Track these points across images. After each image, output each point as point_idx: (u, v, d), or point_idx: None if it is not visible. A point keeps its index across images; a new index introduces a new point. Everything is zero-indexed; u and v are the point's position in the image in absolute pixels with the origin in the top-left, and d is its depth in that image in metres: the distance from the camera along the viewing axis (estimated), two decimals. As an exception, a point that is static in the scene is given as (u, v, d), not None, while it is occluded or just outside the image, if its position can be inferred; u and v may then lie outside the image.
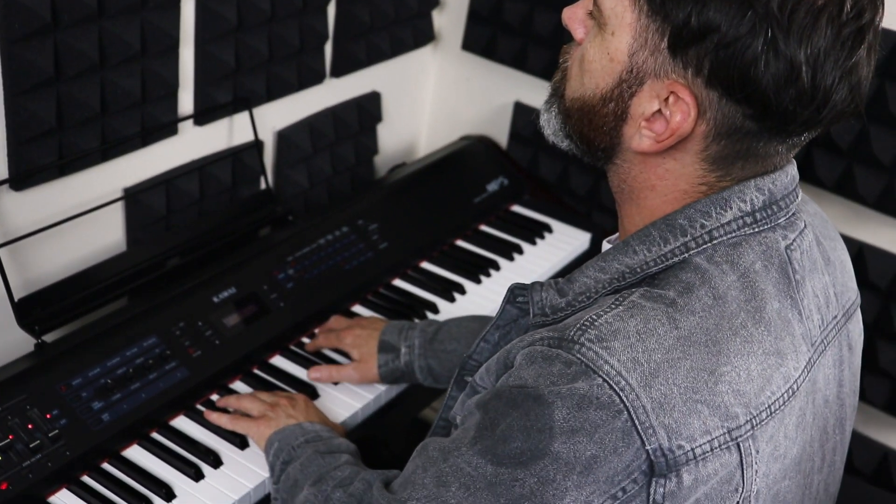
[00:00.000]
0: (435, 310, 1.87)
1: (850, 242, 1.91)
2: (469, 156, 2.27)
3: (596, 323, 0.98)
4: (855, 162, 1.85)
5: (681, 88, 0.99)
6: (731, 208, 1.04)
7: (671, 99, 1.00)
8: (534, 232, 2.14)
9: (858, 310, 1.23)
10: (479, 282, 1.97)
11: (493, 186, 2.21)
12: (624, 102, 1.04)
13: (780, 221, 1.07)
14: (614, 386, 0.93)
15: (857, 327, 1.22)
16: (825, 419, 1.13)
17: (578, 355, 0.96)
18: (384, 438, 1.92)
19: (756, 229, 1.05)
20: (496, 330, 1.21)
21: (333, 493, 1.22)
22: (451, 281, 1.95)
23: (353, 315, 1.82)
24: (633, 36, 1.01)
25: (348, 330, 1.68)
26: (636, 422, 0.93)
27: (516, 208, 2.23)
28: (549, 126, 1.15)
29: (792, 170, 1.09)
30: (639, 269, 1.05)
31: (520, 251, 2.08)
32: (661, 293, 1.01)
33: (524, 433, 0.96)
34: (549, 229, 2.16)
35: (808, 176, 1.91)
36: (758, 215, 1.05)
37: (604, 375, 0.94)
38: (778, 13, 0.93)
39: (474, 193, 2.18)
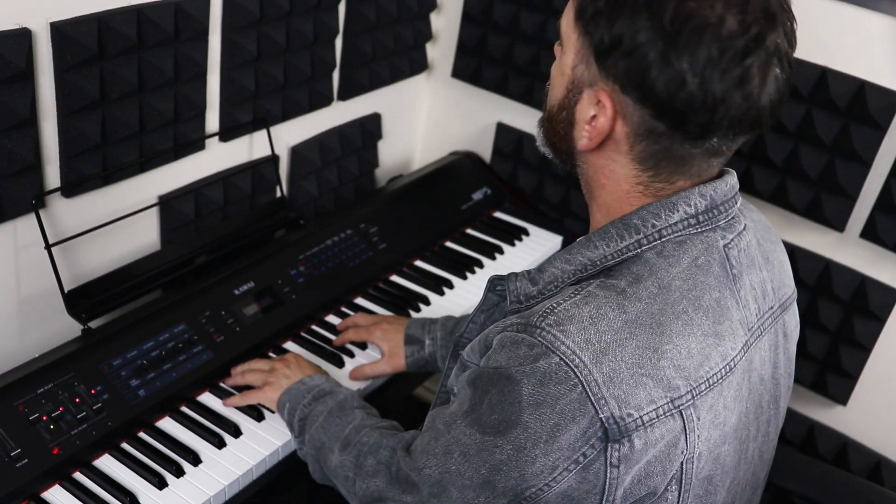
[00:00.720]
0: (427, 302, 1.88)
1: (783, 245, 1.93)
2: (457, 169, 2.28)
3: (556, 310, 1.00)
4: (788, 175, 1.88)
5: (604, 94, 1.03)
6: (677, 211, 1.05)
7: (599, 104, 1.04)
8: (513, 235, 2.15)
9: (794, 304, 1.24)
10: (465, 278, 1.98)
11: (478, 195, 2.22)
12: (571, 109, 1.07)
13: (720, 223, 1.08)
14: (569, 363, 0.96)
15: (792, 319, 1.23)
16: (760, 395, 1.15)
17: (539, 338, 0.98)
18: (383, 414, 1.93)
19: (699, 230, 1.07)
20: (481, 313, 1.23)
21: (365, 459, 1.24)
22: (441, 277, 1.96)
23: (358, 307, 1.83)
24: (575, 52, 1.05)
25: (375, 325, 1.68)
26: (589, 393, 0.96)
27: (498, 214, 2.23)
28: (538, 137, 1.18)
29: (731, 179, 1.10)
30: (598, 262, 1.06)
31: (501, 251, 2.09)
32: (614, 283, 1.03)
33: (500, 407, 1.00)
34: (527, 233, 2.17)
35: (748, 188, 1.93)
36: (700, 217, 1.06)
37: (560, 354, 0.97)
38: (669, 27, 0.96)
39: (462, 201, 2.18)
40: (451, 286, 1.94)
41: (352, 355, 1.69)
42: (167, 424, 1.49)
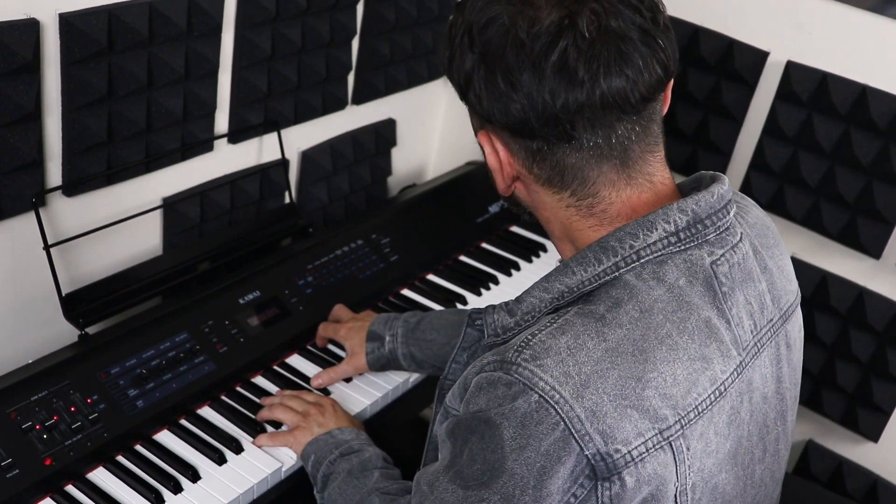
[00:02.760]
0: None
1: (813, 270, 1.93)
2: (473, 180, 2.27)
3: (531, 343, 0.98)
4: (822, 197, 1.88)
5: (482, 134, 1.08)
6: (656, 229, 1.04)
7: (485, 145, 1.08)
8: (530, 251, 2.15)
9: (798, 309, 1.22)
10: (479, 294, 1.97)
11: (494, 208, 2.22)
12: (485, 162, 1.11)
13: (708, 238, 1.06)
14: (549, 400, 0.94)
15: (795, 325, 1.21)
16: (765, 414, 1.13)
17: (516, 375, 0.96)
18: (388, 435, 1.93)
19: (681, 247, 1.05)
20: (463, 351, 1.22)
21: None
22: (455, 292, 1.96)
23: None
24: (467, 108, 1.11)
25: (343, 324, 1.69)
26: (572, 430, 0.93)
27: (515, 228, 2.23)
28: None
29: (719, 189, 1.08)
30: (576, 288, 1.04)
31: (517, 267, 2.09)
32: (593, 309, 1.01)
33: (482, 455, 0.97)
34: (544, 248, 2.17)
35: (779, 209, 1.93)
36: (682, 234, 1.04)
37: (539, 391, 0.94)
38: (481, 49, 1.01)
39: (477, 214, 2.18)
40: (464, 302, 1.94)
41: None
42: (166, 438, 1.48)
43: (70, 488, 1.37)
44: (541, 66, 0.97)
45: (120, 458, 1.43)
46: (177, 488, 1.39)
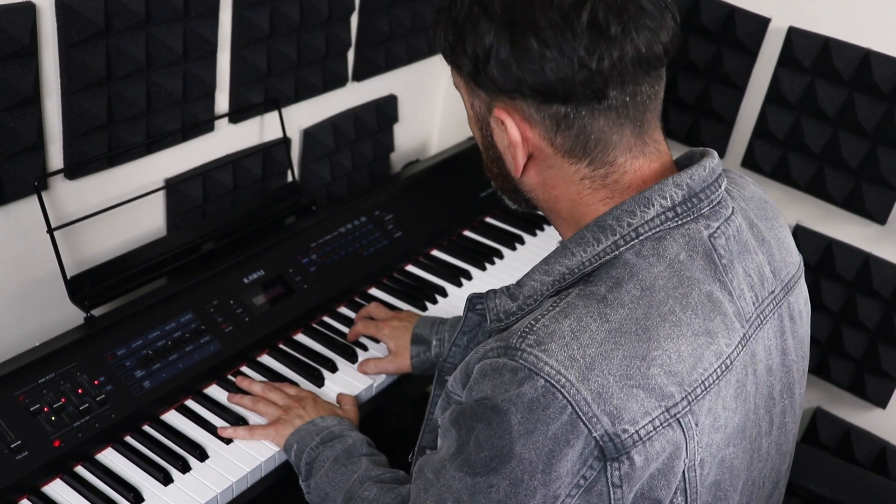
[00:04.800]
0: (444, 293, 1.88)
1: (819, 238, 1.93)
2: (475, 154, 2.18)
3: (534, 328, 0.98)
4: (826, 164, 1.87)
5: (499, 111, 1.05)
6: (653, 205, 1.04)
7: (501, 123, 1.05)
8: (534, 224, 2.15)
9: (801, 280, 1.22)
10: (484, 269, 1.98)
11: (497, 182, 2.22)
12: (493, 145, 1.10)
13: (703, 212, 1.07)
14: (555, 384, 0.94)
15: (799, 297, 1.21)
16: (770, 386, 1.14)
17: (521, 361, 0.96)
18: (395, 410, 1.94)
19: (678, 222, 1.05)
20: (463, 335, 1.22)
21: None
22: (459, 267, 1.96)
23: (372, 298, 1.83)
24: (465, 91, 1.10)
25: (386, 322, 1.68)
26: (580, 413, 0.94)
27: (518, 203, 2.23)
28: (499, 195, 1.21)
29: (709, 163, 1.09)
30: (576, 270, 1.05)
31: (521, 241, 2.09)
32: (594, 290, 1.01)
33: (489, 441, 0.97)
34: (548, 221, 2.16)
35: (784, 177, 1.93)
36: (678, 209, 1.05)
37: (545, 376, 0.94)
38: (503, 15, 0.99)
39: (480, 188, 2.18)
40: (469, 277, 1.94)
41: (365, 349, 1.70)
42: (173, 418, 1.50)
43: (79, 469, 1.38)
44: (573, 24, 0.97)
45: (128, 439, 1.44)
46: (185, 467, 1.40)
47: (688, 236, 1.05)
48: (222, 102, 1.78)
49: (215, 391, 1.56)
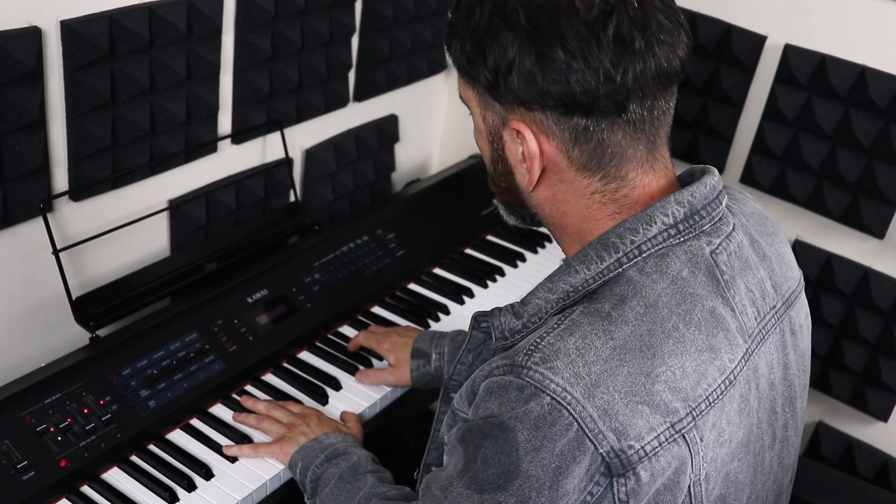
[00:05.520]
0: (446, 311, 1.89)
1: (818, 252, 1.94)
2: (476, 173, 2.26)
3: (540, 346, 0.99)
4: (824, 179, 1.88)
5: (516, 122, 1.05)
6: (655, 223, 1.05)
7: (519, 135, 1.06)
8: (535, 242, 2.15)
9: (802, 295, 1.23)
10: (486, 286, 1.98)
11: (498, 200, 2.23)
12: (504, 159, 1.10)
13: (704, 228, 1.08)
14: (561, 402, 0.95)
15: (800, 312, 1.22)
16: (772, 401, 1.14)
17: (528, 379, 0.97)
18: (399, 428, 1.94)
19: (681, 239, 1.06)
20: (468, 353, 1.23)
21: None
22: (461, 285, 1.97)
23: (375, 316, 1.83)
24: (477, 104, 1.09)
25: (386, 336, 1.69)
26: (586, 430, 0.94)
27: (519, 220, 2.24)
28: (499, 210, 1.20)
29: (710, 180, 1.10)
30: (580, 287, 1.05)
31: (523, 259, 2.09)
32: (598, 307, 1.02)
33: (496, 459, 0.98)
34: (549, 239, 2.17)
35: (782, 192, 1.94)
36: (681, 226, 1.06)
37: (551, 394, 0.95)
38: (529, 27, 0.99)
39: (481, 206, 2.19)
40: (471, 295, 1.95)
41: (371, 365, 1.70)
42: (178, 437, 1.50)
43: (85, 489, 1.38)
44: (599, 36, 0.98)
45: (134, 458, 1.45)
46: (190, 486, 1.40)
47: (690, 253, 1.06)
48: (225, 124, 1.80)
49: (220, 410, 1.56)
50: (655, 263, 1.04)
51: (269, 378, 1.65)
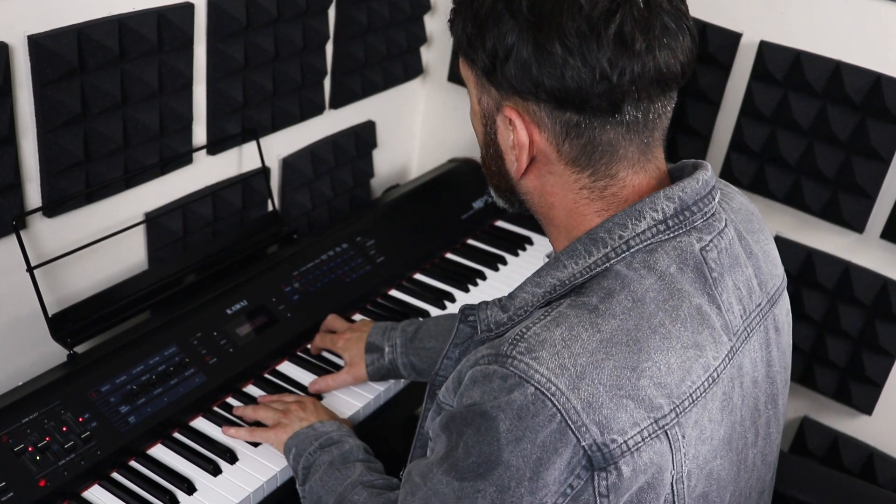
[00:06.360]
0: (428, 317, 1.88)
1: (798, 248, 1.94)
2: (456, 176, 2.28)
3: (525, 336, 0.99)
4: (802, 175, 1.89)
5: (509, 111, 1.05)
6: (644, 218, 1.05)
7: (511, 122, 1.05)
8: (516, 244, 2.16)
9: (785, 293, 1.23)
10: (467, 290, 1.98)
11: (478, 204, 2.23)
12: (495, 143, 1.10)
13: (696, 224, 1.07)
14: (545, 392, 0.94)
15: (783, 309, 1.22)
16: (756, 398, 1.14)
17: (512, 368, 0.96)
18: (384, 434, 1.93)
19: (670, 235, 1.06)
20: (455, 348, 1.23)
21: None
22: (442, 290, 1.96)
23: (352, 321, 1.82)
24: (474, 86, 1.09)
25: (340, 335, 1.69)
26: (569, 422, 0.94)
27: (500, 223, 2.24)
28: (491, 192, 1.20)
29: (703, 175, 1.09)
30: (567, 281, 1.05)
31: (504, 262, 2.09)
32: (585, 300, 1.01)
33: (477, 447, 0.97)
34: (530, 241, 2.18)
35: (761, 189, 1.94)
36: (670, 222, 1.06)
37: (535, 384, 0.95)
38: (530, 17, 0.99)
39: (461, 210, 2.19)
40: (452, 300, 1.94)
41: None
42: (159, 452, 1.49)
43: (66, 508, 1.37)
44: (600, 34, 0.97)
45: (115, 475, 1.43)
46: (173, 501, 1.39)
47: (679, 249, 1.06)
48: (200, 135, 1.79)
49: (201, 423, 1.55)
50: (643, 259, 1.04)
51: (251, 390, 1.65)
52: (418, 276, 2.01)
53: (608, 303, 1.01)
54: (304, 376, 1.68)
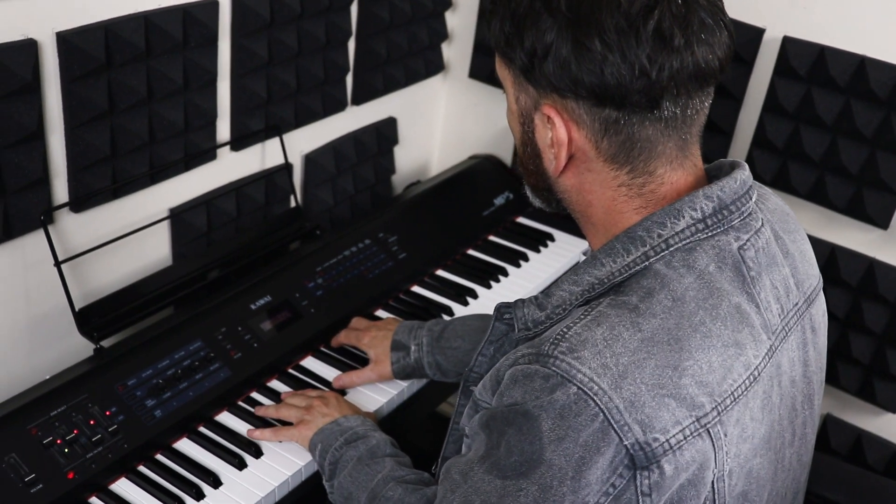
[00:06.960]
0: (451, 313, 1.88)
1: (822, 245, 1.94)
2: (477, 173, 2.29)
3: (567, 335, 0.99)
4: (826, 171, 1.88)
5: (548, 109, 1.05)
6: (683, 217, 1.05)
7: (549, 120, 1.06)
8: (538, 241, 2.16)
9: (821, 293, 1.23)
10: (489, 287, 1.98)
11: (499, 200, 2.23)
12: (533, 142, 1.11)
13: (733, 223, 1.08)
14: (588, 392, 0.95)
15: (819, 309, 1.22)
16: (793, 398, 1.15)
17: (554, 368, 0.97)
18: (406, 430, 1.94)
19: (709, 234, 1.06)
20: (490, 345, 1.23)
21: None
22: (464, 286, 1.97)
23: (376, 317, 1.84)
24: (511, 85, 1.10)
25: (366, 332, 1.70)
26: (611, 421, 0.94)
27: (521, 220, 2.24)
28: (527, 192, 1.21)
29: (741, 175, 1.10)
30: (606, 280, 1.06)
31: (525, 258, 2.10)
32: (625, 300, 1.02)
33: (519, 446, 0.98)
34: (552, 238, 2.18)
35: (784, 185, 1.94)
36: (709, 221, 1.06)
37: (577, 384, 0.95)
38: (568, 14, 0.99)
39: (483, 207, 2.19)
40: (474, 296, 1.95)
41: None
42: (185, 446, 1.50)
43: (93, 500, 1.38)
44: (639, 30, 0.98)
45: (141, 468, 1.45)
46: (199, 495, 1.40)
47: (717, 248, 1.06)
48: (224, 131, 1.80)
49: (226, 418, 1.56)
50: (682, 258, 1.04)
51: (275, 384, 1.65)
52: (440, 273, 2.02)
53: (648, 302, 1.01)
54: (327, 371, 1.69)
